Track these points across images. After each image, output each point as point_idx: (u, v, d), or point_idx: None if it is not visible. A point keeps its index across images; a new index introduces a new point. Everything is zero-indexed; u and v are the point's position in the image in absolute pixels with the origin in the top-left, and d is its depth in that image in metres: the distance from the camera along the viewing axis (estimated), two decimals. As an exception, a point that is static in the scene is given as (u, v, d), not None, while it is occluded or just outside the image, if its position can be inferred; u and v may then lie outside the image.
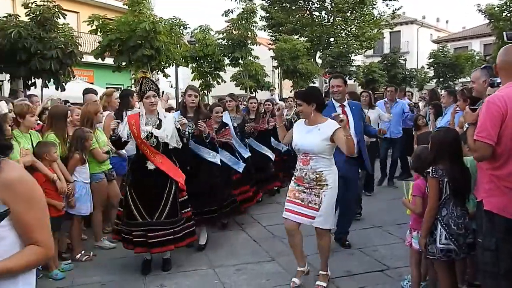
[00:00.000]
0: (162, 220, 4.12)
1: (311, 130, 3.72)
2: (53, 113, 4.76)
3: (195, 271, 4.27)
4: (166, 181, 4.19)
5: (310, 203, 3.68)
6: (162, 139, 4.18)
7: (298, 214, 3.72)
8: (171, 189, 4.19)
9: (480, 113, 2.74)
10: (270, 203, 7.04)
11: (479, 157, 2.71)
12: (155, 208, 4.13)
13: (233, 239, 5.30)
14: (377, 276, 4.07)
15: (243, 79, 18.40)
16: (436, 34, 41.04)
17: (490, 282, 2.73)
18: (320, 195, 3.65)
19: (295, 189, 3.79)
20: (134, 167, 4.40)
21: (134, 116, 4.33)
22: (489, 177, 2.71)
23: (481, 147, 2.62)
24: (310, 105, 3.69)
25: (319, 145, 3.63)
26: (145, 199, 4.16)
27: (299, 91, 4.22)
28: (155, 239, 4.08)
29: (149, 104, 4.15)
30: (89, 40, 15.86)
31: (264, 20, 25.33)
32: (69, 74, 10.20)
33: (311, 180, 3.67)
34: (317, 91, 4.09)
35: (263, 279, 4.06)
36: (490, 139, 2.58)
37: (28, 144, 4.15)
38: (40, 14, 9.50)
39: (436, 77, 28.14)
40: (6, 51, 9.14)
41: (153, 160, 4.16)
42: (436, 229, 2.98)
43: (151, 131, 4.16)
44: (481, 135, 2.61)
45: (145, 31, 11.02)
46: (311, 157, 3.67)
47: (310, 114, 3.72)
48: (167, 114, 4.51)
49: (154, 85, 4.23)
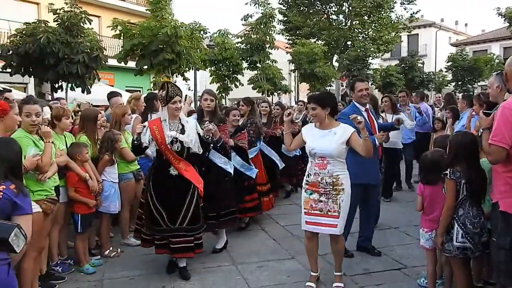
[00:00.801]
0: (184, 227, 4.12)
1: (326, 134, 3.71)
2: (85, 116, 5.01)
3: (218, 267, 4.46)
4: (188, 187, 4.18)
5: (329, 212, 3.67)
6: (186, 144, 4.15)
7: (320, 225, 3.72)
8: (193, 196, 4.18)
9: (495, 118, 2.86)
10: (289, 204, 7.20)
11: (493, 160, 2.83)
12: (177, 215, 4.12)
13: (253, 238, 5.48)
14: (395, 274, 4.21)
15: (260, 82, 18.62)
16: (454, 37, 40.69)
17: (504, 280, 2.85)
18: (337, 201, 3.65)
19: (310, 198, 3.75)
20: (156, 172, 4.31)
21: (155, 121, 4.27)
22: (504, 179, 2.82)
23: (495, 151, 2.75)
24: (325, 109, 3.69)
25: (338, 148, 3.63)
26: (167, 205, 4.14)
27: (313, 95, 4.17)
28: (177, 244, 4.12)
29: (174, 109, 4.14)
30: (110, 44, 16.27)
31: (282, 24, 25.53)
32: (95, 78, 10.56)
33: (328, 185, 3.66)
34: (331, 95, 4.10)
35: (283, 276, 4.23)
36: (504, 142, 2.70)
37: (62, 145, 4.38)
38: (68, 19, 9.87)
39: (454, 81, 27.93)
40: (35, 56, 9.51)
41: (177, 167, 4.14)
42: (453, 228, 3.13)
43: (176, 136, 4.12)
44: (495, 139, 2.73)
45: (166, 35, 11.31)
46: (329, 161, 3.65)
47: (324, 118, 3.72)
48: (189, 119, 4.49)
49: (179, 90, 4.22)
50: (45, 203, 3.63)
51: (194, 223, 4.17)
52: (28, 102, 3.67)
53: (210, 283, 4.08)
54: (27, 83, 15.40)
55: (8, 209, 2.43)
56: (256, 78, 18.98)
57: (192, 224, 4.16)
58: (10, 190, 2.45)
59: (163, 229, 4.14)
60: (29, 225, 2.52)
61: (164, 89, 4.12)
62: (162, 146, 4.11)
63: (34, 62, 9.80)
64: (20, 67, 10.02)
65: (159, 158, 4.28)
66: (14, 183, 2.51)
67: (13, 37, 9.89)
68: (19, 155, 2.73)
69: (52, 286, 4.01)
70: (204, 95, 4.97)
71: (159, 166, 4.29)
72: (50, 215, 3.83)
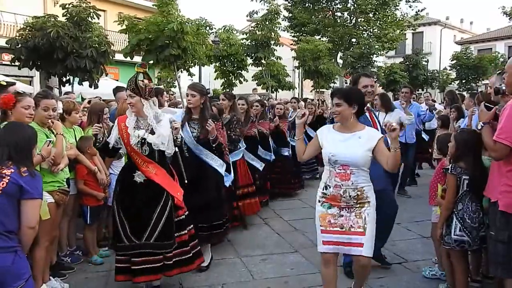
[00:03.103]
0: (151, 243, 3.47)
1: (349, 138, 3.12)
2: (92, 110, 5.11)
3: (223, 260, 4.56)
4: (159, 194, 3.54)
5: (352, 228, 3.06)
6: (156, 147, 3.52)
7: (341, 244, 3.10)
8: (165, 205, 3.53)
9: (502, 116, 2.94)
10: (293, 199, 7.30)
11: (497, 157, 2.93)
12: (143, 228, 3.49)
13: (257, 232, 5.58)
14: (396, 268, 4.30)
15: (265, 78, 18.69)
16: (459, 35, 40.57)
17: (501, 271, 2.95)
18: (362, 214, 3.07)
19: (328, 213, 3.13)
20: (122, 177, 3.71)
21: (124, 118, 3.66)
22: (505, 179, 2.90)
23: (500, 148, 2.84)
24: (352, 107, 3.10)
25: (364, 156, 3.05)
26: (132, 217, 3.53)
27: (340, 89, 3.41)
28: (138, 265, 3.47)
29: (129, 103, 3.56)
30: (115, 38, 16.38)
31: (287, 21, 25.54)
32: (102, 72, 10.67)
33: (351, 199, 3.07)
34: (360, 92, 3.50)
35: (287, 268, 4.33)
36: (510, 140, 2.79)
37: (72, 138, 4.49)
38: (77, 14, 9.98)
39: (458, 79, 27.90)
40: (44, 49, 9.62)
41: (145, 170, 3.52)
42: (452, 222, 3.21)
43: (144, 136, 3.51)
44: (501, 136, 2.82)
45: (173, 31, 11.37)
46: (352, 170, 3.05)
47: (349, 118, 3.12)
48: (164, 115, 3.72)
49: (132, 82, 3.53)
50: (57, 194, 3.75)
51: (163, 238, 3.50)
52: (46, 97, 3.74)
53: (216, 274, 4.18)
54: (33, 76, 15.55)
55: (16, 193, 2.50)
56: (260, 74, 19.04)
57: (161, 240, 3.49)
58: (17, 174, 2.51)
59: (125, 245, 3.51)
60: (35, 210, 2.60)
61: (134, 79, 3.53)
62: (127, 147, 3.58)
63: (42, 56, 9.92)
64: (29, 60, 10.14)
65: (128, 160, 3.78)
66: (21, 166, 2.56)
67: (22, 31, 10.01)
68: (29, 140, 2.76)
69: (62, 275, 4.12)
70: (187, 90, 4.45)
71: (125, 169, 3.76)
72: (62, 206, 3.95)
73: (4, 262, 2.43)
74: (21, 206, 2.53)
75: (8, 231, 2.48)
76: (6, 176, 2.49)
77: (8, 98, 3.49)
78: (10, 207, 2.50)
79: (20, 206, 2.54)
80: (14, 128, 2.84)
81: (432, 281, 3.92)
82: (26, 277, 2.55)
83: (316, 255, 4.54)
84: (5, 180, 2.48)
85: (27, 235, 2.60)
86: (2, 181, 2.48)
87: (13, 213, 2.51)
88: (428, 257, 4.48)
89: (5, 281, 2.43)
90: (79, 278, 4.16)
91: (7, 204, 2.48)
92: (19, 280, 2.48)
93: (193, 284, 3.98)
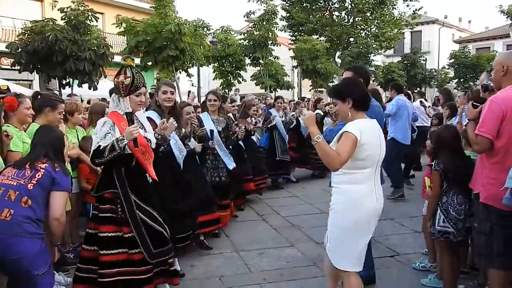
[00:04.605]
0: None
1: None
2: (93, 110, 5.26)
3: (220, 254, 4.71)
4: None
5: None
6: (153, 143, 3.40)
7: None
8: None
9: (483, 111, 3.09)
10: (289, 197, 7.45)
11: (479, 150, 3.08)
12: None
13: (254, 227, 5.73)
14: (388, 260, 4.45)
15: (263, 78, 18.87)
16: (458, 34, 40.73)
17: (484, 262, 3.11)
18: None
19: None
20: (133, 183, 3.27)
21: (118, 117, 3.26)
22: (487, 172, 3.05)
23: (481, 141, 2.98)
24: (346, 102, 2.84)
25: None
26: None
27: (331, 87, 3.22)
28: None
29: (138, 103, 3.31)
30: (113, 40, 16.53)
31: (285, 20, 25.71)
32: (101, 74, 10.84)
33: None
34: (354, 82, 3.11)
35: (283, 262, 4.48)
36: (490, 134, 2.94)
37: (74, 139, 4.65)
38: (75, 17, 10.15)
39: (456, 78, 28.05)
40: (43, 53, 9.79)
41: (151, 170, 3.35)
42: (436, 213, 3.36)
43: (144, 135, 3.31)
44: (482, 130, 2.97)
45: (170, 32, 11.57)
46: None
47: (347, 114, 2.85)
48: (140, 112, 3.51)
49: (144, 79, 3.35)
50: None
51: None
52: (63, 102, 4.10)
53: (214, 267, 4.33)
54: (32, 80, 15.74)
55: (48, 184, 2.78)
56: (258, 74, 19.24)
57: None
58: (51, 168, 2.81)
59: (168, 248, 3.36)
60: (63, 202, 2.88)
61: (129, 76, 3.16)
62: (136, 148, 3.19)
63: (42, 59, 10.11)
64: (29, 64, 10.34)
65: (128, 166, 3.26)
66: (55, 163, 2.87)
67: (21, 35, 10.18)
68: (61, 141, 3.08)
69: (66, 270, 4.27)
70: (162, 87, 4.15)
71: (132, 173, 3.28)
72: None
73: (35, 247, 2.67)
74: (50, 197, 2.81)
75: (38, 219, 2.74)
76: (41, 169, 2.79)
77: (12, 100, 3.65)
78: (42, 197, 2.78)
79: (49, 197, 2.81)
80: (48, 130, 3.15)
81: (421, 273, 4.06)
82: (49, 263, 2.82)
83: (311, 249, 4.74)
84: (41, 173, 2.78)
85: (54, 226, 2.86)
86: (38, 173, 2.77)
87: (43, 203, 2.79)
88: (419, 250, 4.62)
89: (33, 265, 2.66)
90: (81, 273, 4.30)
91: (40, 195, 2.76)
92: (44, 265, 2.73)
93: (191, 276, 4.12)
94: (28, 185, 2.73)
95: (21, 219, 2.64)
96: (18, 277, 2.71)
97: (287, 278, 4.06)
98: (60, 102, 4.02)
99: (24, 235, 2.63)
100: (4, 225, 2.58)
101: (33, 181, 2.74)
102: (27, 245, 2.64)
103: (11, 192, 2.69)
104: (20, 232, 2.62)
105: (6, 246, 2.57)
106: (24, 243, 2.63)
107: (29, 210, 2.69)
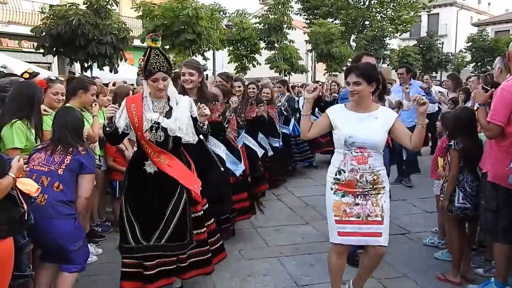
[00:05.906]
0: (162, 244, 3.02)
1: (365, 118, 2.90)
2: (119, 92, 5.50)
3: (239, 230, 4.96)
4: (173, 189, 3.07)
5: (370, 217, 2.89)
6: (172, 132, 3.01)
7: (359, 234, 2.91)
8: (179, 201, 3.07)
9: (494, 98, 3.23)
10: (304, 178, 7.68)
11: (491, 136, 3.23)
12: (153, 228, 3.03)
13: (271, 207, 5.94)
14: (399, 238, 4.66)
15: (278, 62, 18.95)
16: (476, 16, 39.92)
17: (490, 237, 3.31)
18: (379, 202, 2.90)
19: (342, 202, 2.91)
20: (131, 168, 3.22)
21: (135, 98, 3.12)
22: (495, 153, 3.21)
23: (493, 128, 3.14)
24: (371, 85, 2.87)
25: (382, 137, 2.89)
26: (142, 215, 3.07)
27: (358, 65, 3.07)
28: (151, 270, 3.01)
29: (156, 89, 2.98)
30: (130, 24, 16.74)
31: (300, 3, 25.58)
32: (121, 58, 11.11)
33: (367, 183, 2.88)
34: (376, 68, 3.15)
35: (299, 237, 4.73)
36: (501, 121, 3.09)
37: (101, 119, 4.89)
38: (97, 2, 10.37)
39: (473, 62, 27.69)
40: (67, 37, 10.07)
41: (156, 161, 3.04)
42: (455, 191, 3.55)
43: (158, 121, 3.00)
44: (493, 117, 3.12)
45: (188, 16, 11.73)
46: (370, 153, 2.86)
47: (368, 97, 2.90)
48: (182, 97, 3.20)
49: (165, 62, 2.95)
50: (93, 168, 4.19)
51: (177, 239, 3.05)
52: (94, 84, 4.31)
53: (235, 241, 4.61)
54: (51, 62, 16.05)
55: (77, 168, 2.99)
56: (273, 58, 19.33)
57: (174, 241, 3.04)
58: (78, 152, 3.00)
59: (130, 247, 3.04)
60: (91, 183, 3.10)
61: (145, 57, 2.92)
62: (138, 132, 3.03)
63: (65, 43, 10.40)
64: (52, 47, 10.63)
65: (139, 149, 3.19)
66: (80, 145, 3.05)
67: (45, 19, 10.45)
68: (78, 120, 3.22)
69: (95, 242, 4.58)
70: (182, 68, 3.88)
71: (135, 159, 3.23)
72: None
73: (69, 227, 2.92)
74: (79, 179, 3.02)
75: (70, 201, 2.96)
76: (69, 154, 2.97)
77: (40, 83, 3.90)
78: (71, 181, 2.98)
79: (78, 180, 3.02)
80: (66, 111, 3.32)
81: (430, 249, 4.29)
82: (83, 237, 3.09)
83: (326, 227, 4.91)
84: (69, 157, 2.96)
85: (82, 204, 3.09)
86: (66, 158, 2.96)
87: (73, 186, 3.00)
88: (429, 229, 4.82)
89: (69, 242, 2.93)
90: (109, 245, 4.58)
91: (70, 179, 2.96)
92: (79, 240, 3.01)
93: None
94: (58, 170, 2.90)
95: (55, 203, 2.85)
96: (58, 252, 2.95)
97: (303, 252, 4.31)
98: (92, 84, 4.24)
99: (59, 217, 2.86)
100: (40, 209, 2.75)
101: (62, 166, 2.92)
102: (62, 225, 2.87)
103: (44, 178, 2.86)
104: (55, 215, 2.84)
105: (44, 228, 2.77)
106: (60, 224, 2.86)
107: (61, 194, 2.89)
